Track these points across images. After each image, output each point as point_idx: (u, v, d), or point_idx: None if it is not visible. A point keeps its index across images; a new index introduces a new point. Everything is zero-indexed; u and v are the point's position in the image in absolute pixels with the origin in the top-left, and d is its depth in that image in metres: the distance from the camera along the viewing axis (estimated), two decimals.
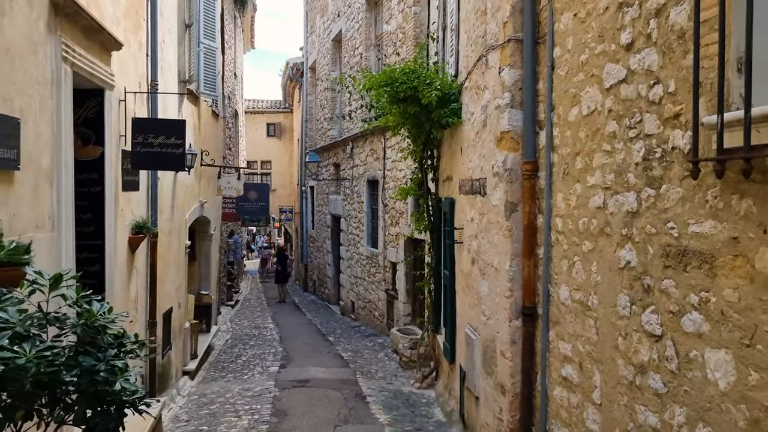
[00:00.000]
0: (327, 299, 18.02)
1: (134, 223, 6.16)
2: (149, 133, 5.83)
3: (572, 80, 3.79)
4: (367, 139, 13.46)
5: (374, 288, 12.99)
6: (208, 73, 9.76)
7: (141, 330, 6.72)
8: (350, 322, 14.48)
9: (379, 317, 12.70)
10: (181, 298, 8.88)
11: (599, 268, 3.43)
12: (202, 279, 11.49)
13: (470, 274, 5.32)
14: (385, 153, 12.15)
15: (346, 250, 15.52)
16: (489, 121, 4.71)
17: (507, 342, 4.40)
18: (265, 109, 30.30)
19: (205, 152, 10.26)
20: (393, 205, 11.65)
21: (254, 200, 13.12)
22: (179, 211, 8.57)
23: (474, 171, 5.15)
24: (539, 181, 4.25)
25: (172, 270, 8.17)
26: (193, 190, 9.60)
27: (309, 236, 21.27)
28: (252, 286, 24.33)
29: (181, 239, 8.73)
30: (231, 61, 18.43)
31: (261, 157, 29.92)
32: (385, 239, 12.23)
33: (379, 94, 6.07)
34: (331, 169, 17.09)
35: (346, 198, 15.54)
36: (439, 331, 7.61)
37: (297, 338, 12.17)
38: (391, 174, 11.75)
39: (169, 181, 7.90)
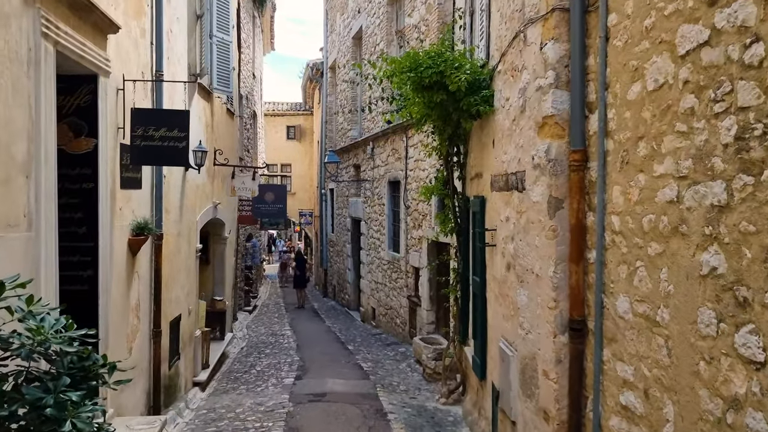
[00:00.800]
0: (347, 305, 17.47)
1: (135, 223, 5.66)
2: (150, 125, 5.33)
3: (633, 51, 3.17)
4: (388, 139, 12.90)
5: (396, 294, 12.40)
6: (222, 68, 9.29)
7: (144, 340, 6.22)
8: (371, 329, 13.90)
9: (400, 325, 12.10)
10: (192, 305, 8.39)
11: (672, 275, 2.81)
12: (215, 284, 11.00)
13: (505, 281, 4.71)
14: (407, 152, 11.57)
15: (366, 254, 14.97)
16: (528, 105, 4.11)
17: (551, 360, 3.78)
18: (285, 111, 29.94)
19: (218, 151, 9.78)
20: (416, 207, 11.06)
21: (271, 202, 12.62)
22: (189, 211, 8.08)
23: (509, 164, 4.55)
24: (590, 172, 3.63)
25: (181, 275, 7.68)
26: (205, 191, 9.12)
27: (329, 240, 20.76)
28: (271, 290, 23.88)
29: (191, 242, 8.24)
30: (249, 60, 18.04)
31: (281, 160, 29.55)
32: (407, 243, 11.64)
33: (401, 81, 5.49)
34: (351, 171, 16.57)
35: (366, 200, 14.99)
36: (466, 342, 6.99)
37: (315, 346, 11.62)
38: (414, 174, 11.16)
39: (177, 180, 7.41)
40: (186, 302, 8.04)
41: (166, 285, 6.93)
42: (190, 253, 8.20)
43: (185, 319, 7.99)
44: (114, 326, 5.23)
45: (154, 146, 5.31)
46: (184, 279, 7.93)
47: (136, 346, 5.92)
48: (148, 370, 6.38)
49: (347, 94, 17.16)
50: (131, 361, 5.78)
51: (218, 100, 9.86)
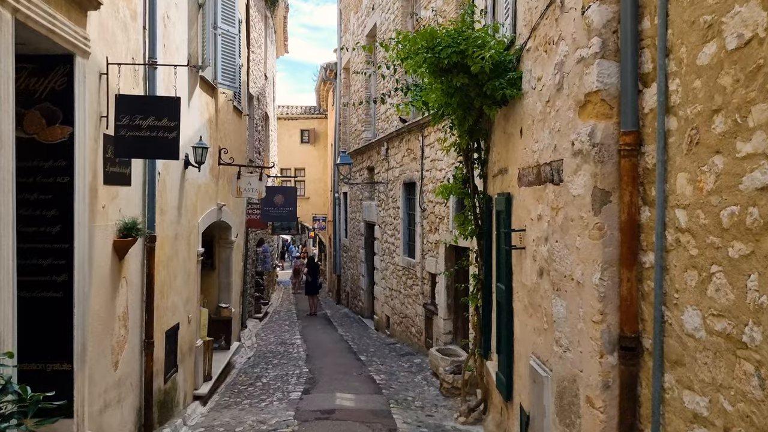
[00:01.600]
0: (360, 313, 16.87)
1: (121, 223, 5.11)
2: (136, 114, 4.78)
3: (705, 3, 2.55)
4: (403, 138, 12.31)
5: (411, 302, 11.77)
6: (228, 62, 8.77)
7: (134, 352, 5.66)
8: (385, 338, 13.27)
9: (416, 334, 11.46)
10: (192, 313, 7.83)
11: (765, 283, 2.17)
12: (221, 290, 10.46)
13: (536, 289, 4.08)
14: (423, 152, 10.96)
15: (380, 259, 14.36)
16: (567, 82, 3.49)
17: (596, 385, 3.15)
18: (298, 114, 29.49)
19: (223, 150, 9.25)
20: (432, 210, 10.45)
21: (281, 205, 12.07)
22: (189, 213, 7.54)
23: (542, 154, 3.92)
24: (644, 158, 3.00)
25: (178, 280, 7.13)
26: (208, 191, 8.58)
27: (342, 245, 20.19)
28: (284, 297, 23.34)
29: (191, 245, 7.69)
30: (260, 61, 17.58)
31: (294, 164, 29.07)
32: (423, 248, 11.02)
33: (416, 64, 4.88)
34: (364, 174, 15.99)
35: (380, 203, 14.40)
36: (488, 356, 6.35)
37: (325, 357, 11.02)
38: (430, 175, 10.55)
39: (175, 178, 6.87)
40: (185, 310, 7.49)
41: (160, 291, 6.38)
42: (190, 257, 7.65)
43: (184, 328, 7.44)
44: (95, 338, 4.67)
45: (141, 137, 4.76)
46: (183, 285, 7.38)
47: (124, 359, 5.36)
48: (139, 385, 5.82)
49: (361, 95, 16.61)
50: (117, 376, 5.22)
51: (223, 96, 9.34)
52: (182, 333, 7.34)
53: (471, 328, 7.68)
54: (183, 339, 7.39)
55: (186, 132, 7.27)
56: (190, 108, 7.52)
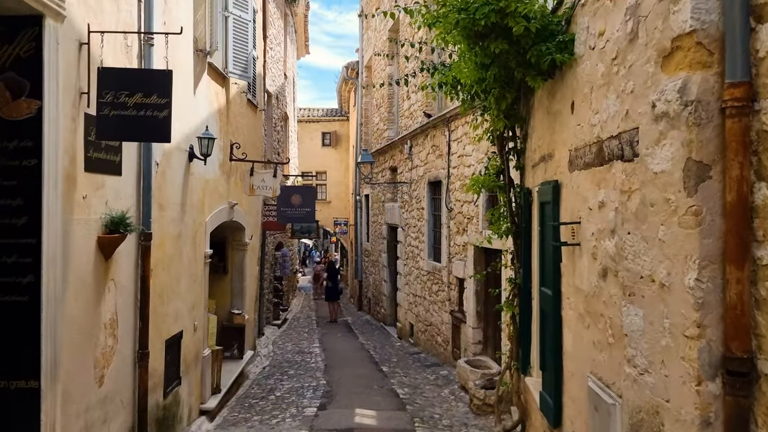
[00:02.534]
0: (383, 320, 16.13)
1: (108, 218, 4.46)
2: (122, 90, 4.13)
3: None
4: (428, 135, 11.58)
5: (436, 309, 11.00)
6: (240, 50, 8.14)
7: (125, 365, 5.00)
8: (408, 347, 12.51)
9: (442, 344, 10.69)
10: (199, 319, 7.18)
11: None
12: (234, 296, 9.81)
13: (597, 294, 3.31)
14: (449, 148, 10.22)
15: (404, 264, 13.62)
16: (643, 27, 2.73)
17: (691, 421, 2.38)
18: (320, 117, 28.95)
19: (235, 144, 8.61)
20: (460, 209, 9.69)
21: (298, 205, 11.39)
22: (195, 210, 6.90)
23: (606, 126, 3.16)
24: (760, 117, 2.23)
25: (182, 284, 6.48)
26: (217, 188, 7.94)
27: (363, 249, 19.49)
28: (304, 303, 22.71)
29: (197, 246, 7.05)
30: (279, 59, 17.04)
31: (316, 168, 28.47)
32: (449, 251, 10.26)
33: (446, 28, 4.14)
34: (387, 175, 15.29)
35: (403, 205, 13.67)
36: (527, 371, 5.56)
37: (345, 367, 10.31)
38: (457, 172, 9.80)
39: (177, 170, 6.23)
40: (190, 317, 6.84)
41: (159, 296, 5.73)
42: (196, 259, 7.01)
43: (189, 336, 6.78)
44: (72, 349, 4.02)
45: (127, 116, 4.11)
46: (188, 289, 6.73)
47: (112, 373, 4.70)
48: (132, 402, 5.16)
49: (383, 92, 15.94)
50: (103, 392, 4.56)
51: (235, 87, 8.71)
52: (186, 342, 6.69)
53: (506, 338, 6.92)
54: (187, 348, 6.73)
55: (191, 121, 6.65)
56: (197, 96, 6.89)
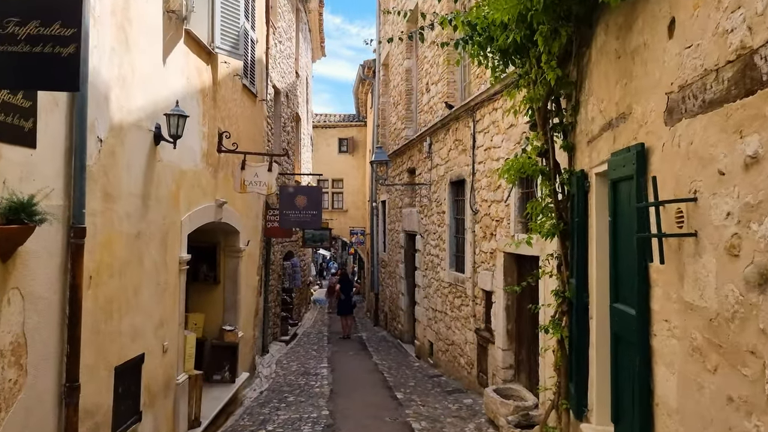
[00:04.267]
0: (399, 336, 14.75)
1: (3, 202, 3.21)
2: (10, 17, 2.88)
3: None
4: (449, 128, 10.26)
5: (459, 326, 9.61)
6: (229, 24, 6.93)
7: (41, 404, 3.72)
8: (427, 368, 11.12)
9: (465, 366, 9.28)
10: (171, 339, 5.91)
11: None
12: (226, 309, 8.54)
13: (741, 317, 1.95)
14: (474, 140, 8.88)
15: (422, 275, 12.26)
16: None
17: None
18: (336, 122, 27.80)
19: (225, 134, 7.38)
20: (487, 211, 8.33)
21: (302, 208, 10.11)
22: (164, 206, 5.65)
23: (756, 29, 1.82)
24: None
25: (143, 295, 5.21)
26: (199, 182, 6.70)
27: (380, 260, 18.16)
28: (317, 317, 21.41)
29: (169, 249, 5.79)
30: (290, 54, 15.93)
31: (332, 175, 27.28)
32: (474, 259, 8.89)
33: None
34: (404, 177, 13.98)
35: (422, 209, 12.33)
36: (583, 415, 4.17)
37: (353, 392, 8.96)
38: (484, 168, 8.46)
39: (136, 153, 4.98)
40: (157, 336, 5.57)
41: (105, 311, 4.47)
42: (166, 264, 5.75)
43: (155, 360, 5.51)
44: None
45: (16, 54, 2.86)
46: (154, 302, 5.46)
47: (17, 417, 3.42)
48: None
49: (401, 89, 14.68)
50: None
51: (225, 66, 7.50)
52: (151, 367, 5.41)
53: (547, 366, 5.54)
54: (152, 375, 5.46)
55: (159, 96, 5.43)
56: (167, 67, 5.66)
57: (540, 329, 4.96)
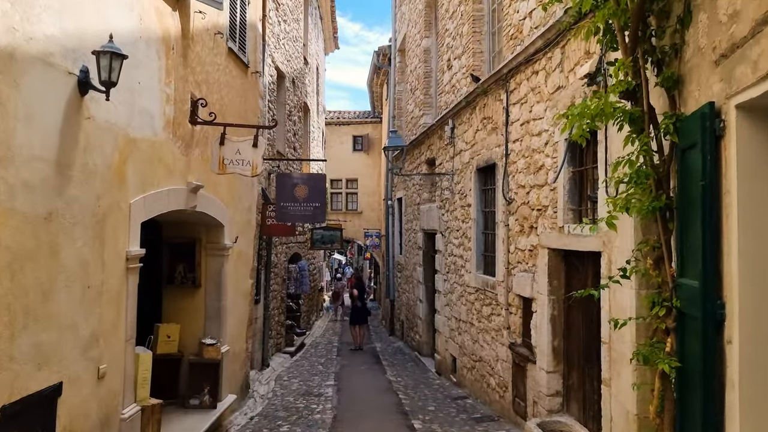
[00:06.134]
0: (417, 348, 13.19)
1: None
2: None
3: None
4: (476, 106, 8.72)
5: (489, 339, 8.04)
6: None
7: None
8: (449, 387, 9.56)
9: (497, 388, 7.70)
10: (110, 360, 4.43)
11: None
12: (208, 319, 7.06)
13: None
14: (507, 115, 7.34)
15: (443, 279, 10.71)
16: None
17: None
18: (350, 119, 26.35)
19: (201, 101, 5.93)
20: (525, 199, 6.77)
21: (303, 200, 8.61)
22: (101, 181, 4.19)
23: None
24: None
25: (56, 303, 3.73)
26: (161, 157, 5.24)
27: (396, 264, 16.62)
28: (329, 325, 19.93)
29: (109, 241, 4.33)
30: (297, 38, 14.58)
31: (346, 175, 25.86)
32: (508, 259, 7.33)
33: None
34: (423, 169, 12.44)
35: (443, 204, 10.79)
36: None
37: (361, 421, 7.43)
38: (521, 146, 6.91)
39: (45, 98, 3.51)
40: (86, 356, 4.09)
41: None
42: (103, 261, 4.28)
43: (81, 390, 4.04)
44: None
45: None
46: (79, 311, 3.99)
47: None
48: None
49: (419, 72, 13.17)
50: None
51: (201, 19, 6.04)
52: (75, 401, 3.94)
53: (635, 405, 3.97)
54: (78, 411, 3.98)
55: (88, 28, 3.99)
56: None
57: (640, 353, 3.32)
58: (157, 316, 6.95)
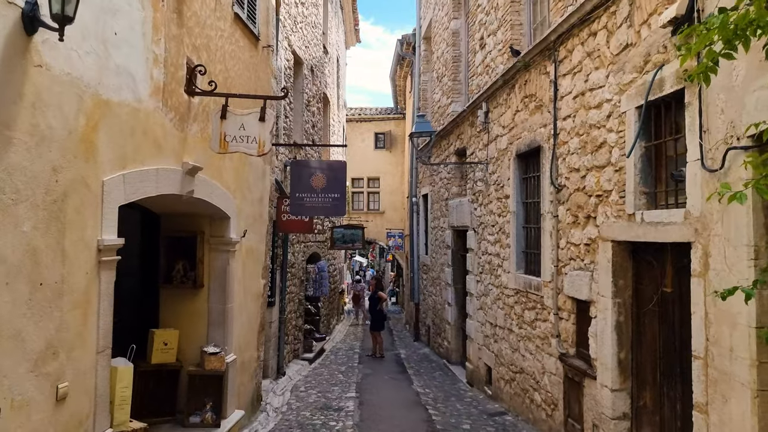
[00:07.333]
0: (446, 356, 12.17)
1: None
2: None
3: None
4: (514, 85, 7.72)
5: (532, 348, 7.02)
6: None
7: None
8: (484, 401, 8.55)
9: (543, 405, 6.68)
10: (74, 377, 3.52)
11: None
12: (211, 324, 6.15)
13: None
14: (556, 88, 6.33)
15: (476, 280, 9.69)
16: None
17: None
18: (372, 115, 25.44)
19: (199, 69, 5.02)
20: (579, 184, 5.75)
21: (320, 190, 7.64)
22: (59, 149, 3.29)
23: None
24: None
25: None
26: (149, 129, 4.34)
27: (421, 264, 15.62)
28: (350, 330, 19.00)
29: (70, 227, 3.43)
30: (317, 24, 13.74)
31: (368, 173, 24.96)
32: (557, 255, 6.31)
33: None
34: (452, 160, 11.44)
35: (475, 198, 9.79)
36: None
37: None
38: (573, 123, 5.89)
39: None
40: (38, 374, 3.18)
41: None
42: (63, 252, 3.38)
43: (26, 416, 3.13)
44: None
45: None
46: (25, 316, 3.08)
47: None
48: None
49: (447, 57, 12.19)
50: None
51: None
52: (23, 430, 3.03)
53: None
54: None
55: None
56: None
57: (697, 361, 2.32)
58: (152, 321, 6.06)
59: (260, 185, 7.54)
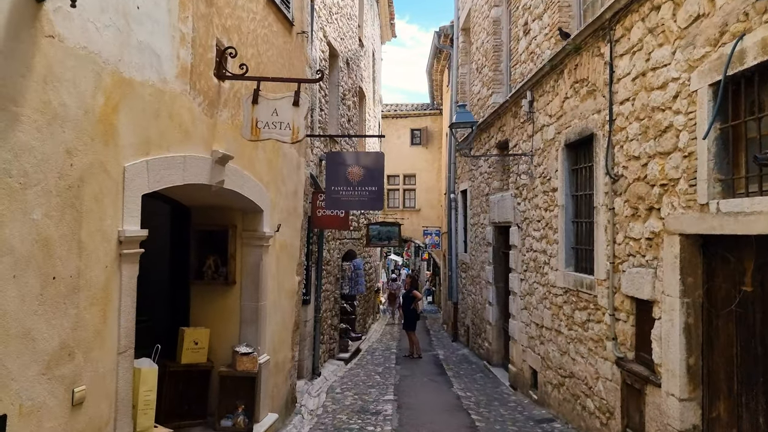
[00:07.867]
0: (486, 357, 11.71)
1: None
2: None
3: None
4: (563, 71, 7.24)
5: (584, 351, 6.54)
6: None
7: None
8: (529, 406, 8.08)
9: (597, 413, 6.19)
10: (91, 379, 3.24)
11: None
12: (243, 322, 5.85)
13: None
14: (611, 70, 5.84)
15: (520, 278, 9.22)
16: None
17: None
18: (408, 111, 25.05)
19: (229, 51, 4.71)
20: (639, 173, 5.26)
21: (357, 182, 7.26)
22: (72, 130, 3.00)
23: None
24: None
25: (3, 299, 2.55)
26: (173, 111, 4.04)
27: (459, 262, 15.17)
28: (386, 329, 18.66)
29: (88, 216, 3.14)
30: (352, 15, 13.45)
31: (403, 170, 24.60)
32: (613, 251, 5.81)
33: None
34: (493, 153, 10.97)
35: (518, 192, 9.31)
36: None
37: None
38: (632, 107, 5.40)
39: None
40: (51, 377, 2.90)
41: None
42: (80, 244, 3.09)
43: (37, 423, 2.84)
44: None
45: None
46: (37, 313, 2.80)
47: None
48: None
49: (487, 47, 11.73)
50: None
51: None
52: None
53: None
54: None
55: None
56: None
57: None
58: (183, 319, 5.81)
59: (294, 177, 7.23)
